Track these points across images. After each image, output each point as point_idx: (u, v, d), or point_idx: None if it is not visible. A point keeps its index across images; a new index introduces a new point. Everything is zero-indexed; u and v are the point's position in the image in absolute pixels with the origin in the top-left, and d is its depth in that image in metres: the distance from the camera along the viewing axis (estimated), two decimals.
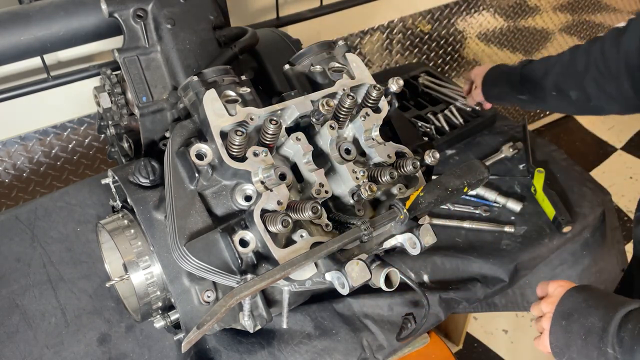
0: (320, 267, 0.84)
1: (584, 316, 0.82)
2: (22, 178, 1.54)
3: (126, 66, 0.97)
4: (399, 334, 1.02)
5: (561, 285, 0.93)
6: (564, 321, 0.84)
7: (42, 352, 1.05)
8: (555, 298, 0.90)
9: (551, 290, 0.94)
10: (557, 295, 0.91)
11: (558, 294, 0.91)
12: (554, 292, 0.93)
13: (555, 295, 0.92)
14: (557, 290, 0.93)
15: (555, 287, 0.94)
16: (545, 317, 0.91)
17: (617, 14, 2.97)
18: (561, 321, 0.85)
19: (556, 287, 0.94)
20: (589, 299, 0.84)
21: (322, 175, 0.89)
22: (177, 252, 0.82)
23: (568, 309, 0.85)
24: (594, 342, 0.79)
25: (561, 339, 0.85)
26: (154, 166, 0.92)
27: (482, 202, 1.42)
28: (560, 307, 0.86)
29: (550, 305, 0.91)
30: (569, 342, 0.83)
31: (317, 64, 0.99)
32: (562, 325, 0.85)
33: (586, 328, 0.80)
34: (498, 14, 2.43)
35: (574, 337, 0.82)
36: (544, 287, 0.98)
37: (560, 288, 0.92)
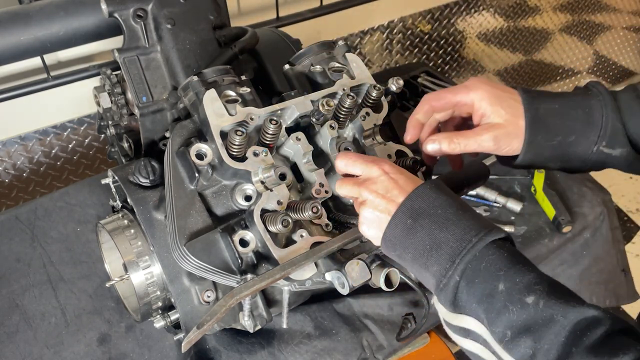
0: (320, 267, 0.84)
1: (437, 225, 0.67)
2: (22, 178, 1.54)
3: (126, 66, 0.97)
4: (399, 334, 1.02)
5: (380, 165, 0.76)
6: (410, 220, 0.69)
7: (42, 352, 1.05)
8: (375, 182, 0.75)
9: (367, 171, 0.77)
10: (377, 179, 0.75)
11: (377, 180, 0.75)
12: (371, 173, 0.77)
13: (374, 178, 0.76)
14: (373, 171, 0.76)
15: (371, 166, 0.77)
16: (367, 205, 0.75)
17: (617, 14, 2.97)
18: (406, 219, 0.70)
19: (373, 168, 0.77)
20: (445, 205, 0.69)
21: (322, 175, 0.89)
22: (177, 252, 0.82)
23: (419, 208, 0.69)
24: (439, 258, 0.66)
25: (399, 238, 0.71)
26: (154, 166, 0.92)
27: (482, 202, 1.42)
28: (410, 202, 0.70)
29: (370, 190, 0.75)
30: (406, 245, 0.70)
31: (317, 64, 0.99)
32: (406, 225, 0.69)
33: (435, 240, 0.67)
34: (498, 14, 2.43)
35: (415, 243, 0.68)
36: (356, 163, 0.80)
37: (379, 170, 0.76)
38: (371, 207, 0.75)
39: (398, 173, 0.76)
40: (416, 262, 0.69)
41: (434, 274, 0.67)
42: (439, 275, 0.66)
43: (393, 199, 0.73)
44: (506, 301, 0.60)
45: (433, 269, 0.67)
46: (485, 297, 0.62)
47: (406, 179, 0.75)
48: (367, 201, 0.75)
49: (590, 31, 2.92)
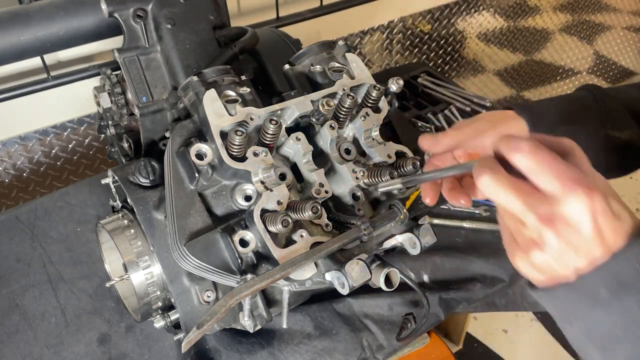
0: (320, 267, 0.84)
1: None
2: (22, 178, 1.54)
3: (126, 66, 0.97)
4: (399, 334, 1.02)
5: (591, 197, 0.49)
6: (606, 291, 0.50)
7: (42, 352, 1.05)
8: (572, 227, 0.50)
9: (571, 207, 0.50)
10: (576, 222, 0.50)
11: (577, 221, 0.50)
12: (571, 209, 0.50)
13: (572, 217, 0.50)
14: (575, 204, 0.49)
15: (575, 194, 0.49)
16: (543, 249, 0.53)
17: (617, 14, 2.97)
18: (601, 288, 0.51)
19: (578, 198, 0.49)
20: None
21: (322, 175, 0.89)
22: (177, 252, 0.82)
23: (625, 277, 0.49)
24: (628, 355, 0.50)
25: (575, 304, 0.53)
26: (154, 166, 0.92)
27: (482, 202, 1.41)
28: (614, 267, 0.50)
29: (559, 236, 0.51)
30: (581, 317, 0.53)
31: (317, 64, 0.99)
32: (596, 295, 0.51)
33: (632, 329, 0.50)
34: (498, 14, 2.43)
35: (599, 321, 0.51)
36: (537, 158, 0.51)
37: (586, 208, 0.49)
38: (550, 256, 0.53)
39: (610, 217, 0.50)
40: (589, 339, 0.54)
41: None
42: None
43: (590, 254, 0.51)
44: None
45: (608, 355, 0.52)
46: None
47: (616, 227, 0.51)
48: (547, 247, 0.53)
49: (590, 31, 2.92)
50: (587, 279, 0.51)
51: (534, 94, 2.84)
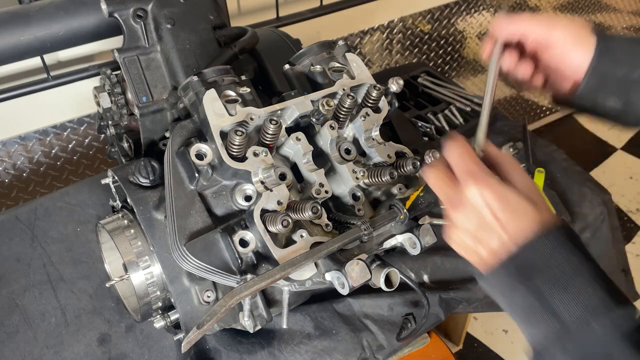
0: (320, 267, 0.84)
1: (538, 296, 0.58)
2: (22, 178, 1.54)
3: (126, 66, 0.97)
4: (399, 334, 1.02)
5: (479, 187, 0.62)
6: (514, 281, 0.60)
7: (42, 352, 1.05)
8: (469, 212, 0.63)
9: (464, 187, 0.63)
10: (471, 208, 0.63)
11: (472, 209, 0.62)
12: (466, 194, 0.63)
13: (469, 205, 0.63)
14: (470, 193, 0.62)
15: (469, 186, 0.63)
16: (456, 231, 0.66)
17: (617, 14, 2.97)
18: (509, 279, 0.61)
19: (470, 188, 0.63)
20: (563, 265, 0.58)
21: (322, 175, 0.89)
22: (177, 252, 0.82)
23: (528, 268, 0.59)
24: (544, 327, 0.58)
25: (498, 288, 0.62)
26: (154, 166, 0.92)
27: None
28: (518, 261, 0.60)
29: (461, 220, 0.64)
30: (506, 299, 0.62)
31: (317, 64, 0.99)
32: (507, 283, 0.61)
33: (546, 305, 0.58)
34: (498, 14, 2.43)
35: (515, 302, 0.60)
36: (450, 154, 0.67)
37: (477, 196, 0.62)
38: (461, 233, 0.66)
39: (501, 204, 0.61)
40: (515, 316, 0.62)
41: (531, 336, 0.60)
42: (538, 342, 0.59)
43: (487, 241, 0.62)
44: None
45: (533, 331, 0.60)
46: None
47: (510, 216, 0.61)
48: (458, 226, 0.66)
49: None
50: (499, 273, 0.61)
51: (534, 93, 2.84)
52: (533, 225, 0.60)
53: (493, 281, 0.63)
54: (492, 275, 0.63)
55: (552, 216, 0.62)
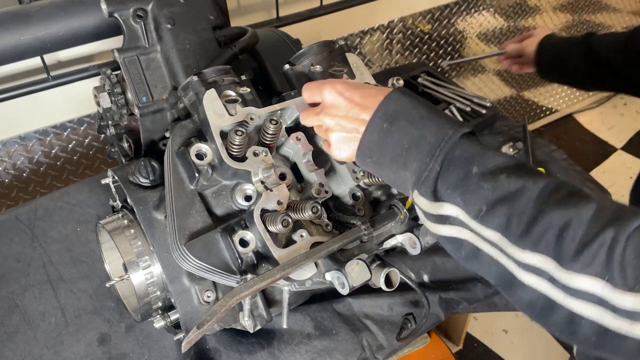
0: (320, 267, 0.84)
1: (413, 125, 0.71)
2: (22, 178, 1.54)
3: (126, 66, 0.97)
4: (399, 334, 1.02)
5: (337, 89, 0.78)
6: (386, 124, 0.73)
7: (42, 352, 1.05)
8: (334, 105, 0.78)
9: (324, 96, 0.80)
10: (334, 102, 0.78)
11: (334, 102, 0.78)
12: (326, 97, 0.79)
13: (331, 101, 0.78)
14: (327, 94, 0.79)
15: (323, 89, 0.79)
16: (332, 130, 0.79)
17: (617, 13, 2.97)
18: (382, 123, 0.73)
19: (325, 91, 0.79)
20: (417, 107, 0.73)
21: (322, 175, 0.89)
22: (177, 252, 0.82)
23: (394, 111, 0.73)
24: (418, 154, 0.70)
25: (376, 142, 0.74)
26: (154, 166, 0.92)
27: None
28: (385, 108, 0.74)
29: (331, 115, 0.78)
30: (384, 148, 0.73)
31: (317, 64, 0.99)
32: (382, 128, 0.73)
33: (413, 139, 0.71)
34: (498, 14, 2.43)
35: (393, 144, 0.72)
36: (314, 90, 0.82)
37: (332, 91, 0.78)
38: (337, 130, 0.78)
39: (352, 90, 0.78)
40: (395, 162, 0.72)
41: (413, 171, 0.70)
42: (419, 170, 0.69)
43: (356, 117, 0.76)
44: (480, 181, 0.65)
45: (412, 166, 0.70)
46: (461, 181, 0.66)
47: (363, 94, 0.77)
48: (332, 126, 0.78)
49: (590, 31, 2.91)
50: (372, 123, 0.74)
51: (534, 93, 2.84)
52: (378, 92, 0.77)
53: (370, 137, 0.74)
54: (368, 132, 0.74)
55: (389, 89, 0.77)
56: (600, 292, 0.55)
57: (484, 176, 0.66)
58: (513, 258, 0.62)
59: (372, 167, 0.76)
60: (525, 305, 0.63)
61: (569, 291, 0.57)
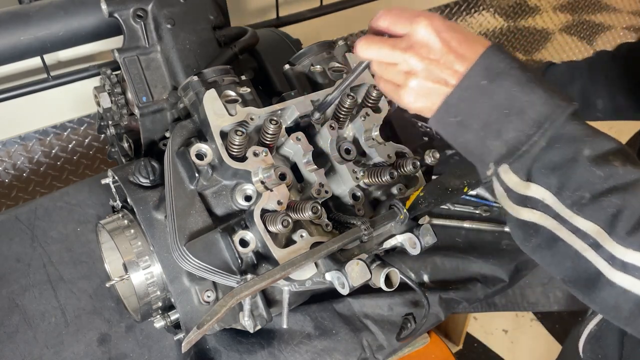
0: (320, 267, 0.84)
1: (518, 87, 0.61)
2: (22, 178, 1.54)
3: (126, 66, 0.97)
4: (399, 334, 1.02)
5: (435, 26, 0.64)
6: (485, 81, 0.61)
7: (42, 352, 1.05)
8: (426, 45, 0.64)
9: (413, 29, 0.65)
10: (428, 45, 0.64)
11: (427, 41, 0.64)
12: (417, 32, 0.64)
13: (423, 40, 0.64)
14: (421, 30, 0.64)
15: (418, 22, 0.64)
16: (416, 74, 0.65)
17: (617, 13, 2.97)
18: (481, 80, 0.62)
19: (420, 24, 0.64)
20: (523, 68, 0.63)
21: (322, 175, 0.89)
22: (177, 252, 0.82)
23: (497, 68, 0.62)
24: (520, 124, 0.61)
25: (468, 101, 0.63)
26: (154, 166, 0.92)
27: (482, 202, 1.41)
28: (486, 61, 0.62)
29: (420, 57, 0.64)
30: (476, 110, 0.63)
31: (317, 64, 0.99)
32: (480, 85, 0.62)
33: (516, 104, 0.61)
34: (498, 14, 2.43)
35: (489, 107, 0.61)
36: (402, 18, 0.67)
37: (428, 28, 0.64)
38: (422, 76, 0.65)
39: (451, 31, 0.64)
40: (486, 128, 0.62)
41: (507, 141, 0.61)
42: (517, 142, 0.60)
43: (449, 65, 0.63)
44: (591, 166, 0.58)
45: (508, 136, 0.61)
46: (566, 163, 0.59)
47: (460, 38, 0.64)
48: (418, 70, 0.65)
49: (590, 31, 2.91)
50: (469, 77, 0.62)
51: None
52: (481, 43, 0.64)
53: (461, 94, 0.64)
54: (461, 88, 0.64)
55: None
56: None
57: (596, 160, 0.58)
58: (610, 255, 0.56)
59: (450, 129, 0.66)
60: (608, 307, 0.58)
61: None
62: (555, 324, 2.19)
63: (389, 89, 0.70)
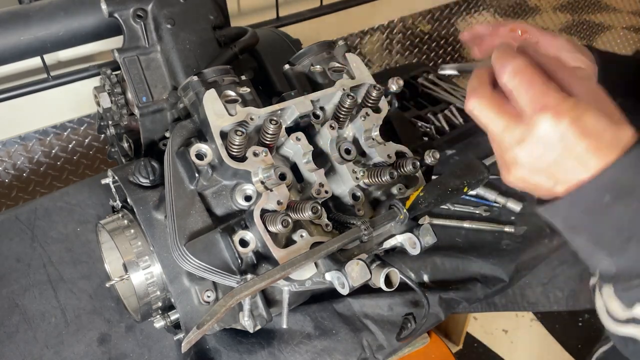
0: (320, 267, 0.84)
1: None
2: (22, 178, 1.54)
3: (126, 66, 0.97)
4: (399, 334, 1.02)
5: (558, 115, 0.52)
6: (609, 196, 0.52)
7: (42, 352, 1.05)
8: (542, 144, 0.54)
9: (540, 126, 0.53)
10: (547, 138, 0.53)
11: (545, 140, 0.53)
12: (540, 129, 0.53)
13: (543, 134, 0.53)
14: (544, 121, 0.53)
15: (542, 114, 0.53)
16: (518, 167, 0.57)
17: (617, 14, 2.97)
18: (603, 195, 0.52)
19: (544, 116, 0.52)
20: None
21: (322, 175, 0.89)
22: (177, 252, 0.82)
23: (627, 184, 0.52)
24: (632, 257, 0.54)
25: (576, 217, 0.55)
26: (154, 166, 0.92)
27: (482, 202, 1.42)
28: (615, 175, 0.52)
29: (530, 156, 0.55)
30: (587, 225, 0.55)
31: (317, 64, 0.99)
32: (597, 203, 0.53)
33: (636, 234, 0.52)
34: (498, 14, 2.43)
35: (604, 226, 0.54)
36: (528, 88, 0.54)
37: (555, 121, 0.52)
38: (521, 178, 0.58)
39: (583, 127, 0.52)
40: (597, 245, 0.56)
41: (618, 265, 0.55)
42: (631, 272, 0.54)
43: (561, 175, 0.54)
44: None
45: (621, 260, 0.55)
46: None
47: (592, 139, 0.52)
48: (520, 167, 0.57)
49: (590, 31, 2.92)
50: (588, 188, 0.53)
51: None
52: (617, 145, 0.52)
53: (569, 210, 0.55)
54: (569, 203, 0.55)
55: (630, 129, 0.53)
56: None
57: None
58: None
59: (558, 225, 0.59)
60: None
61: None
62: (555, 324, 2.19)
63: (496, 154, 0.61)
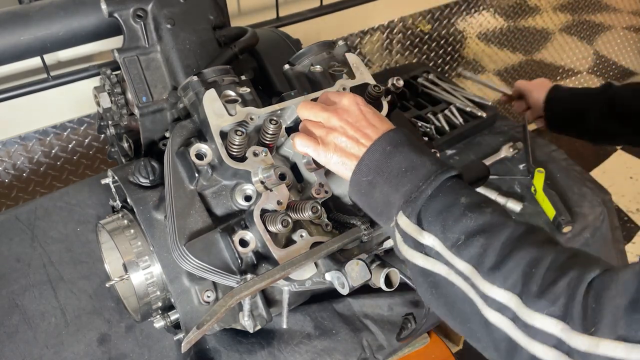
0: (320, 267, 0.84)
1: (415, 152, 0.74)
2: (22, 178, 1.54)
3: (126, 66, 0.97)
4: (399, 334, 1.02)
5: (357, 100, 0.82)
6: (390, 147, 0.75)
7: (42, 352, 1.05)
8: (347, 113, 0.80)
9: (345, 103, 0.82)
10: (348, 110, 0.81)
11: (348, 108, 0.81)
12: (345, 103, 0.82)
13: (347, 109, 0.81)
14: (350, 104, 0.81)
15: (350, 99, 0.82)
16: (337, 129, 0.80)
17: (617, 14, 2.97)
18: (386, 146, 0.75)
19: (351, 100, 0.82)
20: (419, 145, 0.77)
21: (322, 175, 0.89)
22: (177, 252, 0.82)
23: (399, 139, 0.76)
24: (413, 178, 0.72)
25: (376, 161, 0.75)
26: (153, 166, 0.92)
27: None
28: (391, 134, 0.77)
29: (341, 119, 0.80)
30: (381, 169, 0.75)
31: (317, 64, 0.99)
32: (385, 150, 0.75)
33: (412, 164, 0.73)
34: (498, 14, 2.43)
35: (391, 166, 0.74)
36: (334, 95, 0.85)
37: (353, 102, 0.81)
38: (339, 132, 0.80)
39: (369, 108, 0.82)
40: (388, 183, 0.74)
41: (404, 193, 0.72)
42: (410, 192, 0.71)
43: (362, 129, 0.79)
44: (466, 210, 0.67)
45: (404, 189, 0.72)
46: (446, 209, 0.68)
47: (375, 116, 0.81)
48: (336, 127, 0.80)
49: (590, 31, 2.92)
50: (377, 143, 0.76)
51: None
52: (390, 124, 0.81)
53: (371, 156, 0.76)
54: (370, 151, 0.76)
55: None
56: (559, 333, 0.56)
57: (470, 206, 0.68)
58: (482, 292, 0.62)
59: (363, 190, 0.77)
60: (492, 349, 0.64)
61: (530, 331, 0.58)
62: None
63: (312, 146, 0.82)
